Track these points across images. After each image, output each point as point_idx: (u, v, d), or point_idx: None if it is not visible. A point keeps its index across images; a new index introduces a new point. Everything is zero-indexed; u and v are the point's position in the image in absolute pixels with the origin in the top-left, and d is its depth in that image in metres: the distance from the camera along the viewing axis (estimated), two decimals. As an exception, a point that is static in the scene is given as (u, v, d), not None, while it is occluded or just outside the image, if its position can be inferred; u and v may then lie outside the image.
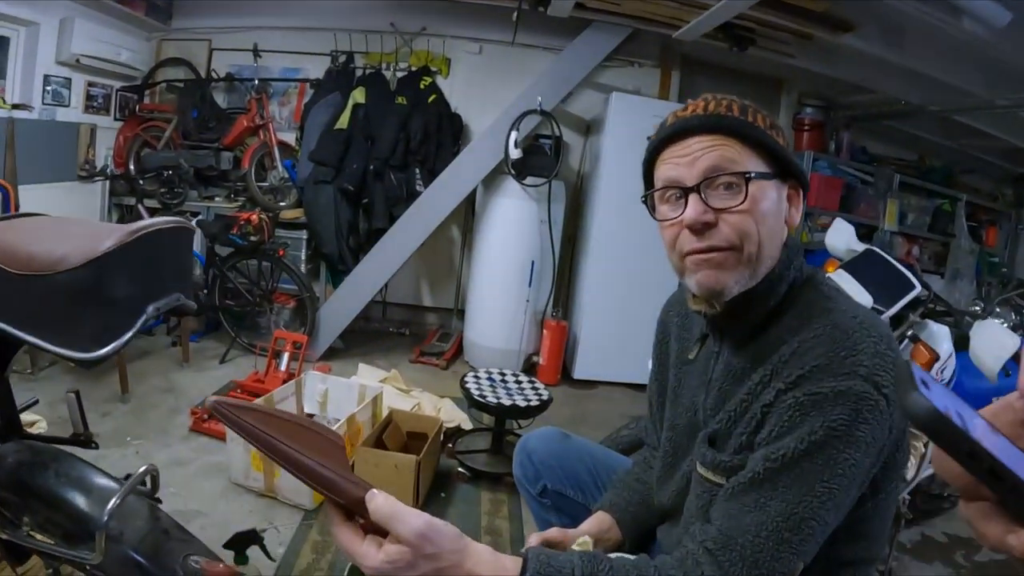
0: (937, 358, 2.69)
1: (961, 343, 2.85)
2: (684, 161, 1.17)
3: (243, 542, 1.96)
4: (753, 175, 1.13)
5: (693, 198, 1.15)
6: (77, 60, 4.97)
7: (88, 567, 1.37)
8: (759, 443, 1.13)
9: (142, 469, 1.39)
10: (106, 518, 1.26)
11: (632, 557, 1.11)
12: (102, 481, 1.46)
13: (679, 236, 1.19)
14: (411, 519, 0.89)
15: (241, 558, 1.98)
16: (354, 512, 0.93)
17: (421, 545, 0.89)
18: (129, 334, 1.27)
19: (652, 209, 1.26)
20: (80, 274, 1.19)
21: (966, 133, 5.58)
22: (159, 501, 1.54)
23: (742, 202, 1.13)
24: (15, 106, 4.58)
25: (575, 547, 1.35)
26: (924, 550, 3.25)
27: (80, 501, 1.40)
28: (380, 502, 0.89)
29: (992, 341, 2.54)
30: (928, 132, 5.96)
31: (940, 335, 2.77)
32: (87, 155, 5.25)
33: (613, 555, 1.10)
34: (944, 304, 2.98)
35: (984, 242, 6.35)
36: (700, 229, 1.15)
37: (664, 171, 1.21)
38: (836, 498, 1.05)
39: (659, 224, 1.25)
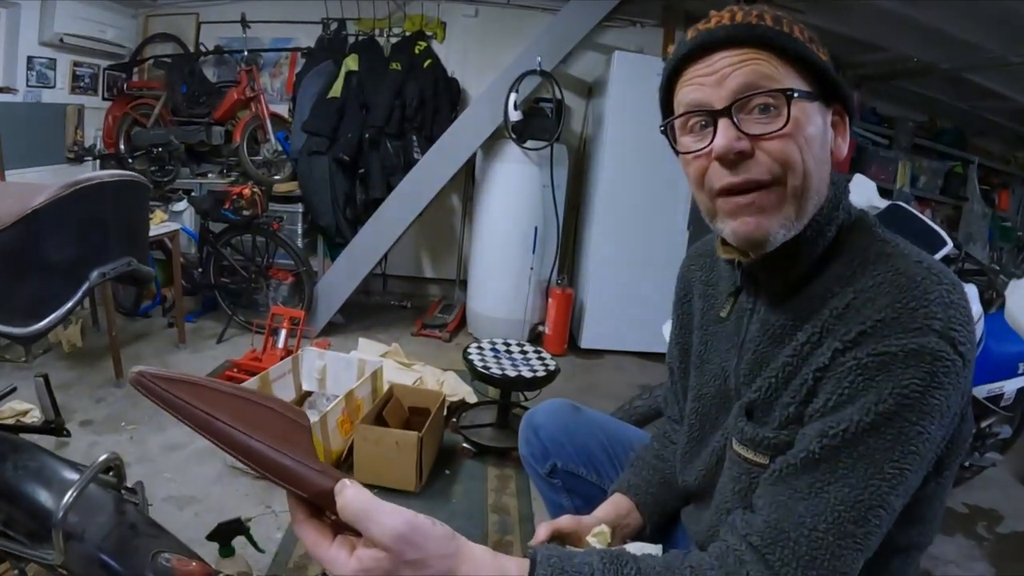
0: (970, 319, 2.55)
1: (985, 306, 2.72)
2: (710, 80, 0.96)
3: (227, 532, 1.85)
4: (796, 94, 0.93)
5: (723, 123, 0.94)
6: (61, 40, 4.85)
7: (53, 567, 1.25)
8: (812, 415, 0.95)
9: (102, 458, 1.25)
10: (61, 514, 1.14)
11: (658, 553, 0.95)
12: (65, 473, 1.33)
13: (708, 171, 0.99)
14: (388, 519, 0.73)
15: (226, 550, 1.87)
16: (322, 507, 0.76)
17: (402, 550, 0.73)
18: (70, 304, 1.12)
19: (673, 141, 1.05)
20: (10, 235, 1.04)
21: (978, 94, 5.41)
22: (132, 491, 1.41)
23: (784, 125, 0.92)
24: (-2, 90, 4.50)
25: (591, 539, 1.21)
26: (945, 522, 3.10)
27: (40, 495, 1.28)
28: (350, 497, 0.73)
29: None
30: (939, 93, 5.78)
31: (970, 295, 2.62)
32: (75, 136, 5.20)
33: (636, 546, 0.94)
34: (975, 262, 2.84)
35: (996, 206, 6.22)
36: (733, 160, 0.95)
37: (686, 94, 1.00)
38: (907, 480, 0.88)
39: (682, 158, 1.04)
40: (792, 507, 0.91)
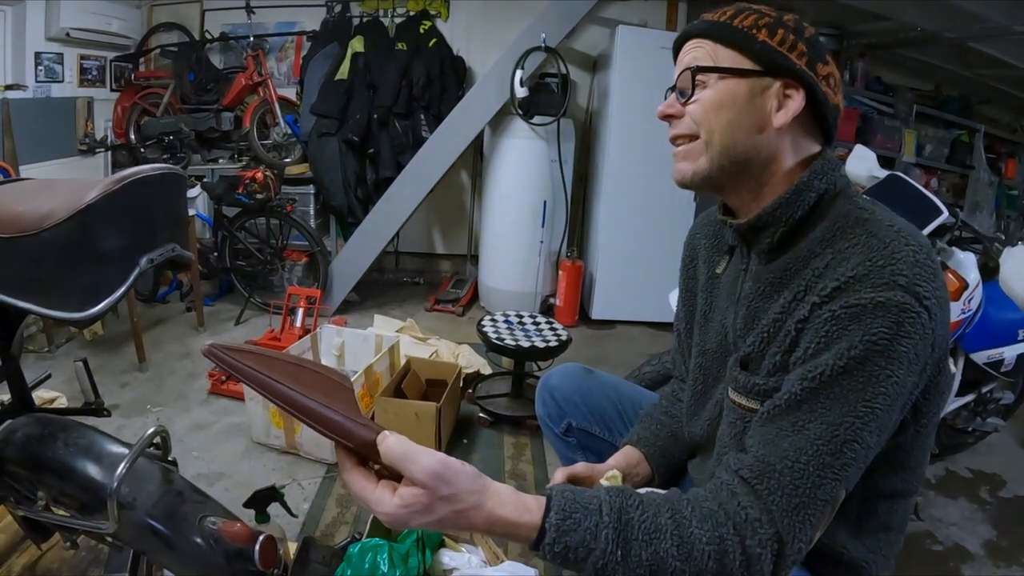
0: (966, 286, 2.60)
1: (986, 274, 2.76)
2: (679, 64, 1.22)
3: (263, 500, 1.94)
4: (694, 68, 1.15)
5: (672, 94, 1.21)
6: (67, 34, 4.89)
7: (105, 536, 1.34)
8: (794, 362, 1.06)
9: (150, 431, 1.34)
10: (116, 484, 1.22)
11: (663, 491, 1.05)
12: (112, 447, 1.41)
13: None
14: (425, 459, 0.85)
15: (262, 516, 1.96)
16: (366, 456, 0.88)
17: (437, 487, 0.85)
18: (123, 288, 1.20)
19: None
20: (66, 228, 1.12)
21: (983, 62, 5.37)
22: (173, 463, 1.50)
23: (691, 97, 1.16)
24: (8, 87, 4.55)
25: (603, 482, 1.31)
26: (948, 485, 3.20)
27: (91, 470, 1.35)
28: (392, 443, 0.85)
29: (1026, 267, 2.44)
30: (944, 61, 5.73)
31: (967, 263, 2.67)
32: (86, 129, 5.23)
33: (643, 490, 1.04)
34: (971, 230, 2.89)
35: (1003, 174, 6.19)
36: (668, 120, 1.22)
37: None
38: (879, 418, 0.98)
39: None
40: (778, 443, 1.01)
